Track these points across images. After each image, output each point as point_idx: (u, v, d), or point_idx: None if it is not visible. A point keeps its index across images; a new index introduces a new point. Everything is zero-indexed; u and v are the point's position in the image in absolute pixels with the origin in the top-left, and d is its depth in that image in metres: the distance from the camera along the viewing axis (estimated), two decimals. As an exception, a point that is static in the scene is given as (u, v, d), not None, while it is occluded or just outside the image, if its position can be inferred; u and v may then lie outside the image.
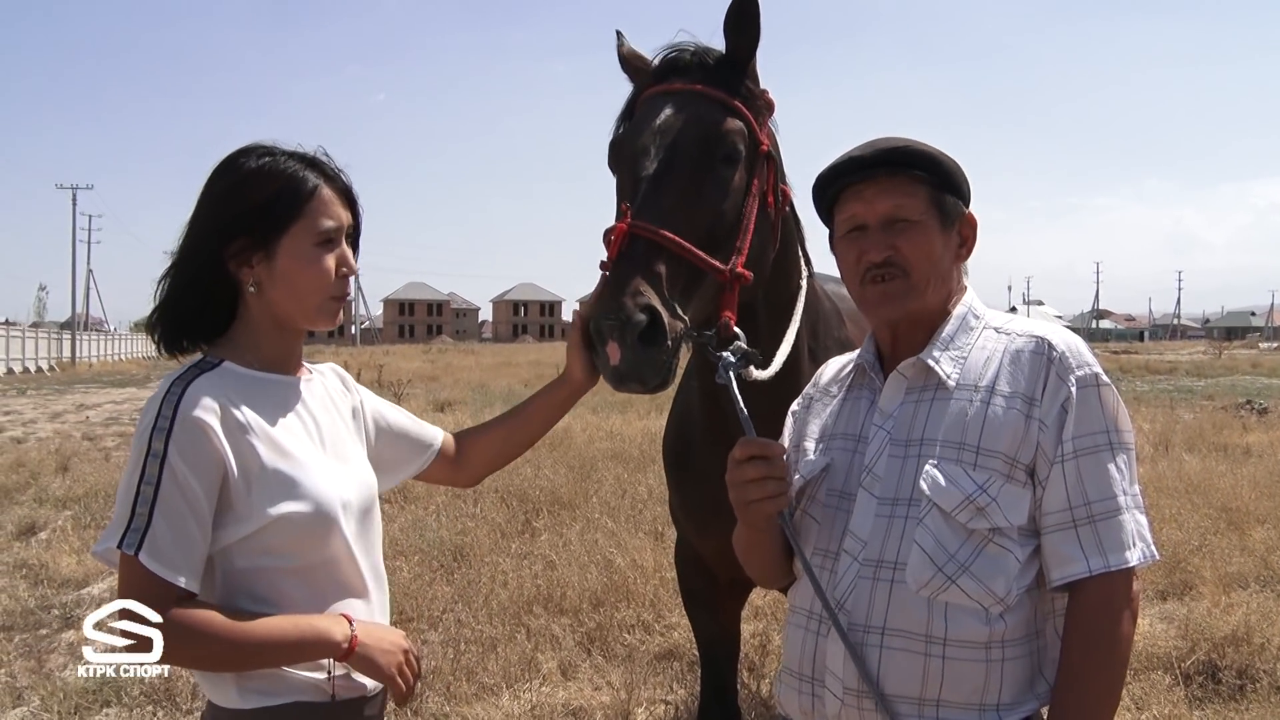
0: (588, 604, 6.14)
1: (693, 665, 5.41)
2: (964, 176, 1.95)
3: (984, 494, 1.74)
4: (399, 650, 1.95)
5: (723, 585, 3.29)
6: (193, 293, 1.93)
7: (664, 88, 2.46)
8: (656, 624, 5.98)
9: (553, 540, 7.62)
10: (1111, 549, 1.72)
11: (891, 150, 1.91)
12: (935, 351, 1.88)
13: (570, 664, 5.41)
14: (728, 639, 3.44)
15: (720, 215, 2.33)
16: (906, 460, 1.83)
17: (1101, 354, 5.70)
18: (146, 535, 1.71)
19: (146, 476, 1.73)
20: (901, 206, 1.88)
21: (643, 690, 5.06)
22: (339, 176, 2.01)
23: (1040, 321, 1.92)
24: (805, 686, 1.89)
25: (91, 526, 8.52)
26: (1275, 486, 9.49)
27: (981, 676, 1.73)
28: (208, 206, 1.94)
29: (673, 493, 3.28)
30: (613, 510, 8.58)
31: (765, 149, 2.48)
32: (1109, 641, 1.71)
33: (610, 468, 10.69)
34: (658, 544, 7.41)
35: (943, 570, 1.74)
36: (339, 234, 1.97)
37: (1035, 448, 1.76)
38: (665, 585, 6.47)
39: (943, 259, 1.90)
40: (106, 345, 62.12)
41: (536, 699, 4.95)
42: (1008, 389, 1.80)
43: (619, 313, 2.00)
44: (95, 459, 13.12)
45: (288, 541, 1.85)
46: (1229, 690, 4.91)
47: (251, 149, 1.96)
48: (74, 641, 5.88)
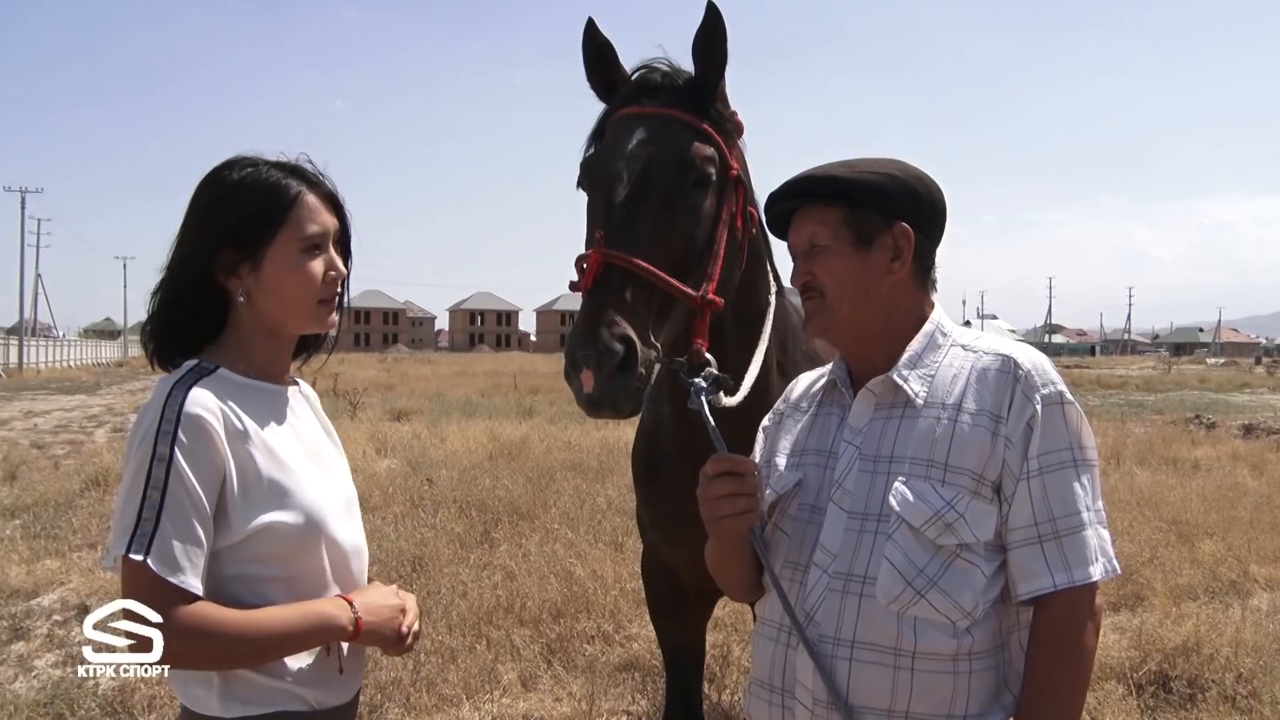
0: (548, 614, 6.13)
1: (652, 675, 5.43)
2: (900, 190, 1.94)
3: (952, 510, 1.77)
4: (397, 613, 2.00)
5: (690, 596, 3.30)
6: (183, 306, 1.95)
7: (635, 110, 2.48)
8: (616, 635, 5.98)
9: (512, 550, 7.60)
10: (1075, 564, 1.76)
11: (799, 182, 2.01)
12: (904, 370, 1.92)
13: (531, 675, 5.40)
14: (694, 649, 3.45)
15: (692, 242, 2.37)
16: (875, 476, 1.87)
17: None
18: (154, 539, 1.72)
19: (153, 481, 1.73)
20: (814, 234, 1.97)
21: (604, 701, 5.06)
22: (322, 182, 2.03)
23: (1007, 340, 1.96)
24: (775, 698, 1.92)
25: (41, 536, 8.38)
26: (1223, 500, 9.70)
27: (949, 688, 1.76)
28: (194, 220, 1.96)
29: (641, 504, 3.29)
30: (572, 521, 8.58)
31: (735, 173, 2.51)
32: (1073, 654, 1.75)
33: (569, 478, 10.69)
34: (617, 554, 7.42)
35: (912, 585, 1.77)
36: (325, 239, 1.99)
37: (1001, 464, 1.80)
38: (625, 596, 6.48)
39: (861, 277, 1.94)
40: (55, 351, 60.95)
41: (497, 710, 4.93)
42: (974, 407, 1.83)
43: (595, 344, 2.05)
44: (44, 467, 12.92)
45: (277, 550, 1.86)
46: (1179, 699, 5.01)
47: (234, 161, 1.98)
48: (24, 654, 5.78)
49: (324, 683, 1.94)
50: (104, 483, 10.60)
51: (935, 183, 2.01)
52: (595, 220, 2.37)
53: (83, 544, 8.18)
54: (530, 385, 30.75)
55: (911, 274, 1.97)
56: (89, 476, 10.96)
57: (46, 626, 6.24)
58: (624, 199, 2.30)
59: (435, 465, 11.44)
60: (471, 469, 11.32)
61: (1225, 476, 11.27)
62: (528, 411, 20.52)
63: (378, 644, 1.99)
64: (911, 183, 1.96)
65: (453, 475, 10.77)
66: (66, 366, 56.20)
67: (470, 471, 11.07)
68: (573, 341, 2.11)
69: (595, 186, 2.42)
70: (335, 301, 2.04)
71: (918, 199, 1.96)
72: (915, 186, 1.96)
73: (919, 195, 1.96)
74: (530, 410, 20.88)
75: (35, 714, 4.79)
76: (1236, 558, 7.52)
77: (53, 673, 5.44)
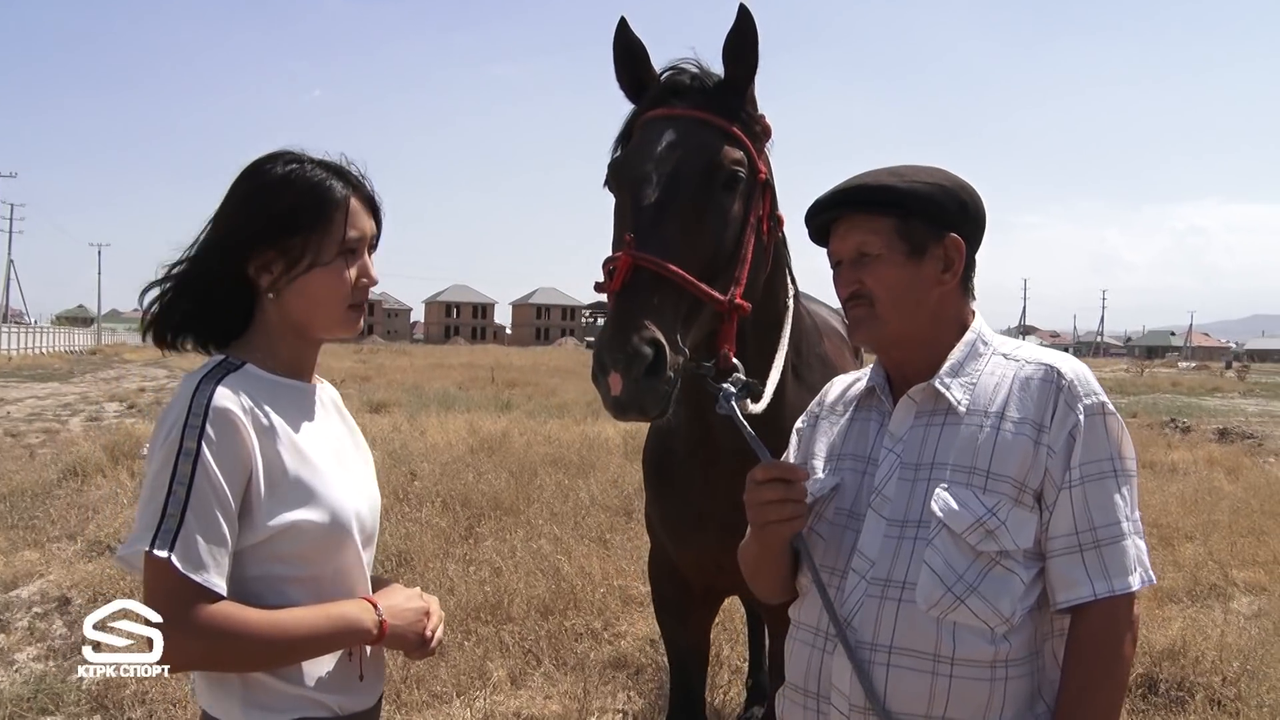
0: (536, 611, 6.11)
1: (642, 673, 5.43)
2: (950, 201, 1.95)
3: (993, 517, 1.78)
4: (422, 615, 1.98)
5: (696, 595, 3.29)
6: (210, 295, 1.91)
7: (664, 111, 2.47)
8: (605, 632, 5.98)
9: (498, 546, 7.57)
10: (1115, 574, 1.77)
11: (849, 190, 1.99)
12: (946, 378, 1.92)
13: (521, 672, 5.38)
14: (698, 649, 3.44)
15: (720, 245, 2.36)
16: (916, 483, 1.87)
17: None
18: (179, 536, 1.68)
19: (178, 476, 1.69)
20: (865, 243, 1.96)
21: (595, 699, 5.05)
22: (364, 185, 1.99)
23: (1048, 350, 1.96)
24: (810, 702, 1.92)
25: (19, 526, 8.26)
26: (1201, 503, 9.79)
27: (986, 695, 1.77)
28: (232, 210, 1.92)
29: (651, 503, 3.28)
30: (556, 516, 8.56)
31: (763, 177, 2.51)
32: (1111, 662, 1.76)
33: (550, 473, 10.66)
34: (603, 551, 7.42)
35: (952, 590, 1.77)
36: (362, 244, 1.96)
37: (1043, 473, 1.80)
38: (613, 593, 6.48)
39: (913, 287, 1.94)
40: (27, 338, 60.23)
41: (489, 707, 4.90)
42: (1017, 415, 1.84)
43: (625, 347, 2.05)
44: (19, 456, 12.73)
45: (303, 550, 1.83)
46: (1166, 702, 5.06)
47: (278, 155, 1.94)
48: (4, 646, 5.70)
49: (346, 688, 1.91)
50: (82, 473, 10.47)
51: (977, 192, 2.01)
52: (623, 222, 2.36)
53: (61, 535, 8.07)
54: (507, 378, 30.70)
55: (958, 284, 1.98)
56: (66, 466, 10.81)
57: (26, 619, 6.16)
58: (653, 201, 2.29)
59: (416, 458, 11.36)
60: (453, 463, 11.26)
61: (1202, 480, 11.38)
62: (506, 405, 20.48)
63: (401, 647, 1.97)
64: (959, 193, 1.97)
65: (434, 469, 10.71)
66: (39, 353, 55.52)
67: (452, 465, 11.01)
68: (601, 344, 2.10)
69: (623, 188, 2.41)
70: (364, 307, 2.01)
71: (964, 209, 1.97)
72: (963, 197, 1.97)
73: (965, 205, 1.97)
74: (509, 404, 20.85)
75: (19, 709, 4.73)
76: (1216, 561, 7.60)
77: (35, 666, 5.38)
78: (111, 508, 8.78)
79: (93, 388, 27.47)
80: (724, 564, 3.03)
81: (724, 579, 3.16)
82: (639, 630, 6.01)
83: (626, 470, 10.81)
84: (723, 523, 2.94)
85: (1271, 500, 10.09)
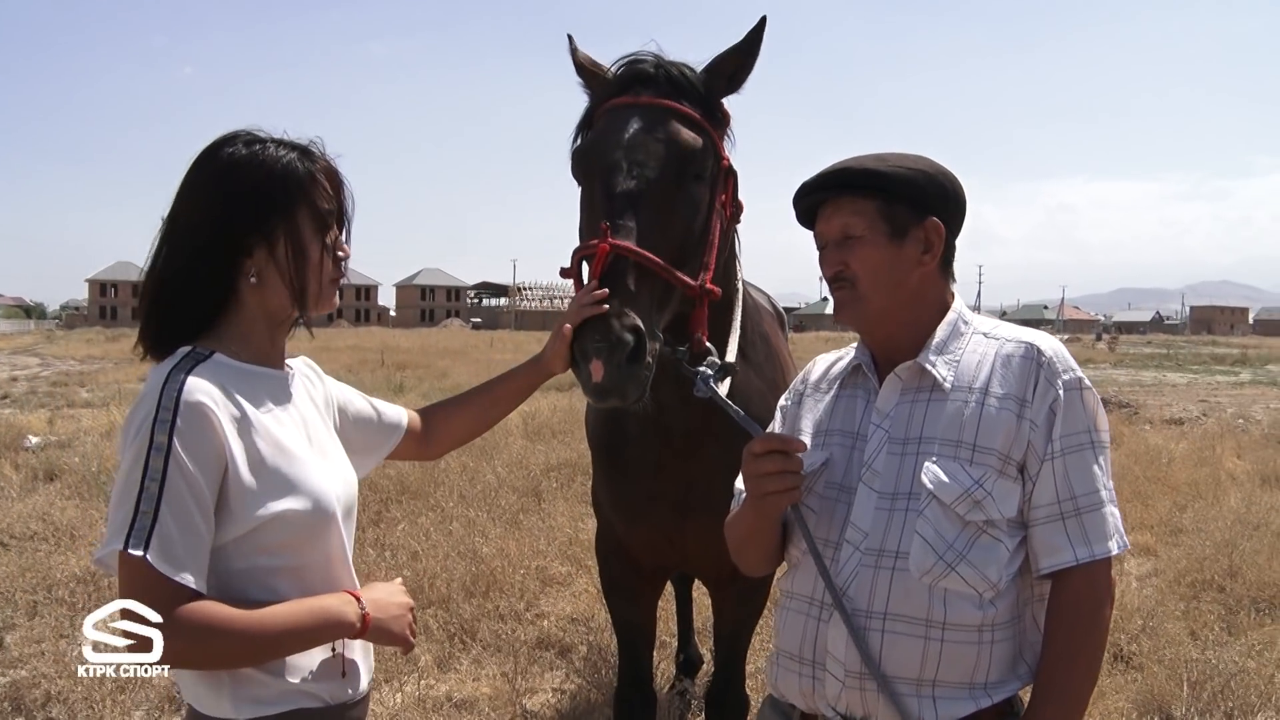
0: (457, 594, 6.08)
1: (570, 652, 5.46)
2: (932, 186, 2.02)
3: (980, 488, 1.87)
4: (405, 610, 1.98)
5: (645, 574, 3.34)
6: (189, 288, 1.85)
7: (629, 99, 2.50)
8: (528, 612, 5.99)
9: (410, 530, 7.49)
10: (1095, 539, 1.88)
11: (835, 174, 2.05)
12: (931, 356, 2.00)
13: (447, 655, 5.35)
14: (646, 626, 3.50)
15: (691, 232, 2.42)
16: (905, 457, 1.95)
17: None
18: (153, 534, 1.63)
19: (150, 472, 1.64)
20: (849, 224, 2.03)
21: (525, 679, 5.05)
22: (329, 161, 1.97)
23: (1025, 329, 2.05)
24: (805, 670, 1.99)
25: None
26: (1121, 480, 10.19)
27: (974, 658, 1.86)
28: (201, 197, 1.86)
29: (601, 484, 3.30)
30: (466, 499, 8.49)
31: (726, 163, 2.57)
32: (1091, 624, 1.87)
33: (454, 456, 10.52)
34: (518, 532, 7.41)
35: (943, 558, 1.86)
36: (332, 217, 1.95)
37: (1026, 445, 1.90)
38: (532, 574, 6.48)
39: (893, 267, 2.01)
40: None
41: (420, 691, 4.87)
42: (1000, 390, 1.93)
43: (607, 334, 2.10)
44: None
45: (286, 540, 1.80)
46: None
47: (236, 136, 1.89)
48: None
49: (336, 678, 1.90)
50: None
51: (958, 179, 2.09)
52: (594, 210, 2.39)
53: None
54: (397, 360, 30.24)
55: (937, 265, 2.05)
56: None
57: None
58: (625, 189, 2.32)
59: (315, 444, 11.12)
60: (353, 447, 11.06)
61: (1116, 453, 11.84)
62: (399, 388, 20.20)
63: (385, 641, 1.94)
64: (941, 179, 2.04)
65: (336, 454, 10.50)
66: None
67: (353, 450, 10.81)
68: (583, 331, 2.14)
69: (593, 175, 2.44)
70: (338, 283, 1.99)
71: (945, 194, 2.04)
72: (944, 183, 2.04)
73: (947, 191, 2.05)
74: (401, 386, 20.57)
75: None
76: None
77: None
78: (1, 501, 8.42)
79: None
80: (675, 540, 3.08)
81: (674, 556, 3.21)
82: (561, 610, 6.04)
83: (530, 451, 10.79)
84: (674, 501, 2.99)
85: (1153, 466, 10.57)
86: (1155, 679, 4.82)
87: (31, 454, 10.89)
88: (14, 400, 18.92)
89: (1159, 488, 9.48)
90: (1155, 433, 14.46)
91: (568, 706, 4.84)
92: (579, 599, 6.19)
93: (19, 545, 7.18)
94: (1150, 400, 20.43)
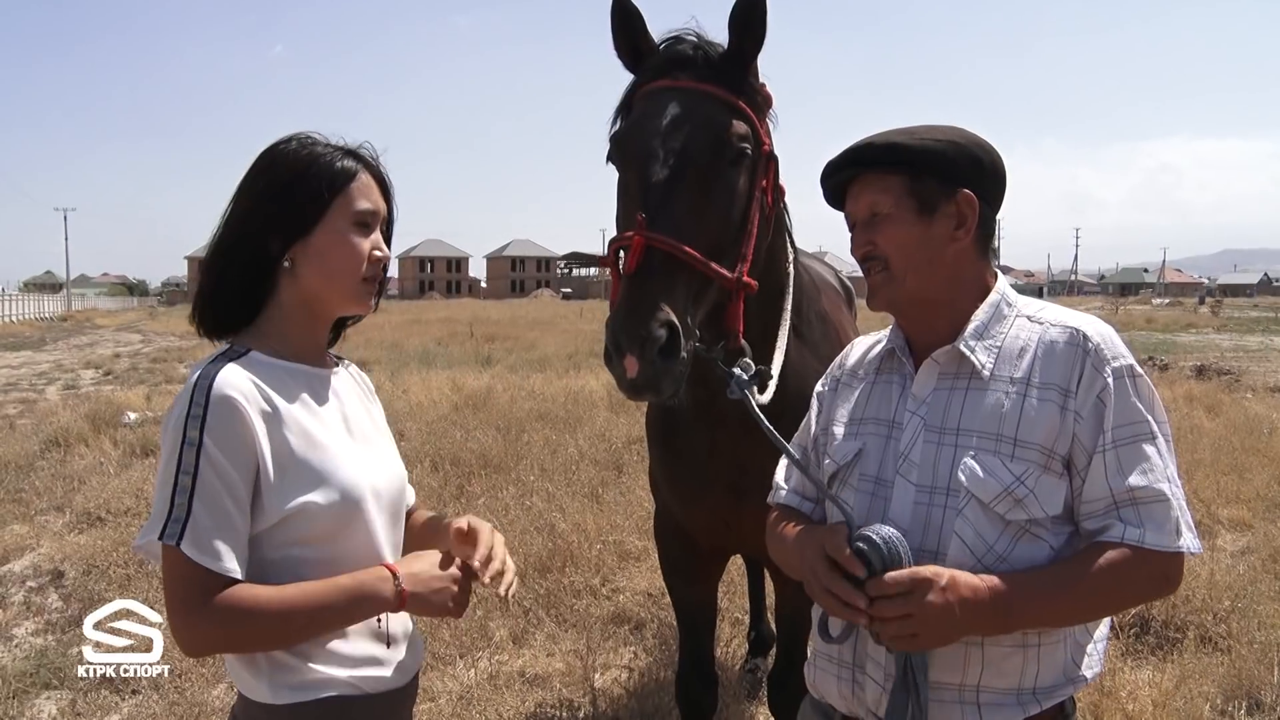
0: (533, 569, 6.13)
1: (643, 628, 5.47)
2: (963, 157, 1.92)
3: (1021, 485, 1.76)
4: (448, 582, 1.95)
5: (704, 555, 3.32)
6: (233, 268, 1.93)
7: (668, 83, 2.43)
8: (603, 588, 6.02)
9: (490, 504, 7.57)
10: (1158, 529, 1.73)
11: (859, 150, 1.98)
12: (970, 340, 1.89)
13: (522, 631, 5.42)
14: (706, 607, 3.48)
15: (728, 222, 2.36)
16: (942, 448, 1.85)
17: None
18: (187, 525, 1.71)
19: (184, 466, 1.72)
20: (876, 202, 1.94)
21: (598, 655, 5.08)
22: (376, 165, 2.03)
23: (1074, 311, 1.93)
24: (845, 673, 1.93)
25: (5, 500, 8.22)
26: (1183, 442, 9.85)
27: (1020, 663, 1.77)
28: (251, 185, 1.95)
29: (656, 465, 3.28)
30: (546, 472, 8.56)
31: (767, 148, 2.50)
32: (1123, 583, 1.72)
33: (538, 429, 10.67)
34: (596, 506, 7.43)
35: (982, 561, 1.76)
36: (374, 219, 1.98)
37: (1072, 439, 1.77)
38: (609, 549, 6.50)
39: (924, 245, 1.91)
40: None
41: (493, 667, 4.93)
42: (1042, 380, 1.81)
43: (641, 329, 2.06)
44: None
45: (316, 531, 1.84)
46: (1159, 641, 5.15)
47: (291, 137, 1.99)
48: (2, 622, 5.66)
49: (375, 667, 1.92)
50: (64, 443, 10.40)
51: (995, 149, 1.97)
52: (630, 199, 2.34)
53: (48, 507, 8.03)
54: (486, 332, 30.62)
55: (974, 242, 1.95)
56: (47, 437, 10.73)
57: (21, 594, 6.13)
58: (661, 179, 2.27)
59: (402, 418, 11.31)
60: (439, 421, 11.24)
61: (1183, 419, 11.43)
62: (487, 360, 20.43)
63: (426, 613, 1.95)
64: (973, 149, 1.93)
65: (420, 428, 10.69)
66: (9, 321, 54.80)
67: (438, 424, 10.99)
68: (617, 326, 2.10)
69: (629, 164, 2.38)
70: (377, 285, 2.01)
71: (979, 166, 1.93)
72: (977, 153, 1.93)
73: (980, 162, 1.93)
74: (489, 359, 20.79)
75: (23, 685, 4.70)
76: (1202, 500, 7.66)
77: (35, 641, 5.34)
78: (98, 478, 8.75)
79: (66, 355, 27.23)
80: (731, 523, 3.05)
81: (731, 537, 3.17)
82: (637, 585, 6.05)
83: (613, 423, 10.82)
84: (729, 483, 2.95)
85: (1251, 437, 10.16)
86: (1244, 662, 4.63)
87: (129, 430, 11.28)
88: (116, 377, 19.63)
89: (1258, 459, 9.08)
90: (1257, 401, 13.92)
91: (637, 684, 4.84)
92: (655, 574, 6.16)
93: (115, 520, 7.45)
94: (1254, 367, 19.67)
